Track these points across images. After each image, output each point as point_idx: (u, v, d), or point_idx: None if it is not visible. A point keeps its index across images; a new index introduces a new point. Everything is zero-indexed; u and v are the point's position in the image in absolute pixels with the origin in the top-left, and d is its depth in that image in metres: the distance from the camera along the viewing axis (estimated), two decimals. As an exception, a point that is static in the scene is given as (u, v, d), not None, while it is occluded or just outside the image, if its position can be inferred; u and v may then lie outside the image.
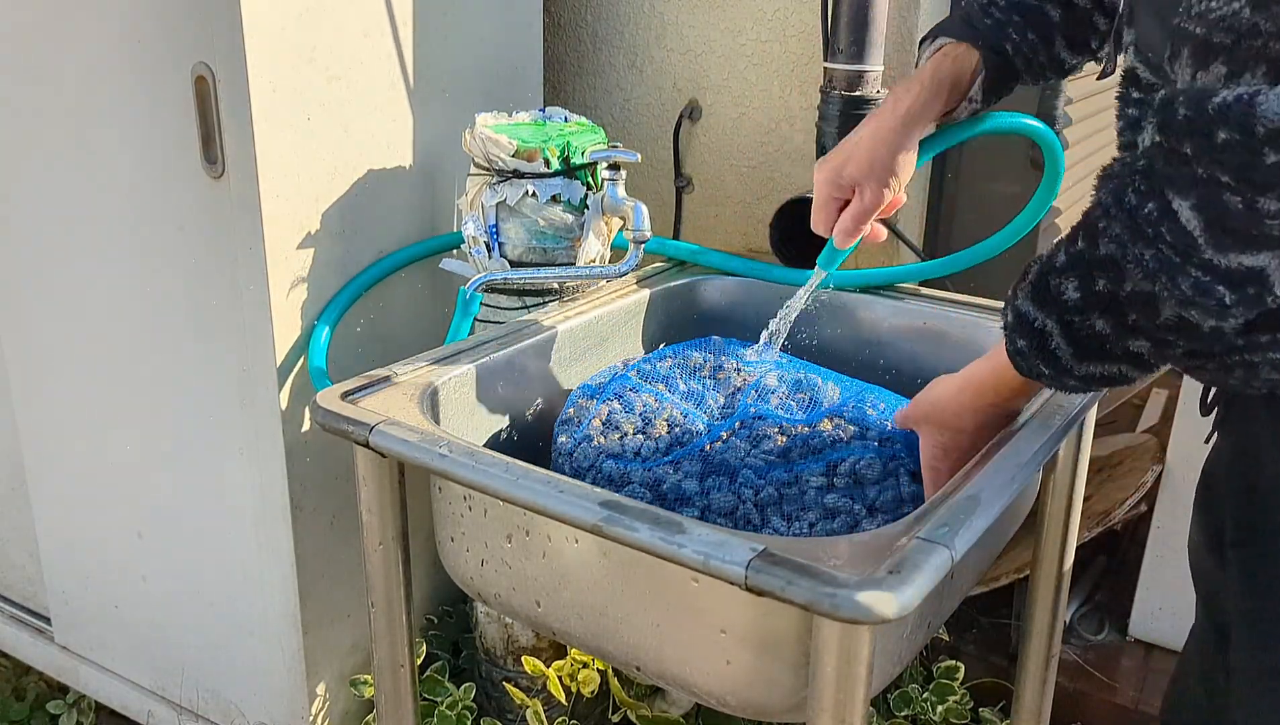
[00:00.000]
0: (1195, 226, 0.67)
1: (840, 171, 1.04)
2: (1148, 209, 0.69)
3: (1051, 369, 0.82)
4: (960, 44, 1.05)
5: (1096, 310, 0.76)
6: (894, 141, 1.03)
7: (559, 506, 0.85)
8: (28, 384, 1.63)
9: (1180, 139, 0.67)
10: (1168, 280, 0.69)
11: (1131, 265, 0.71)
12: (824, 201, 1.07)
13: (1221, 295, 0.68)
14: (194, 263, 1.36)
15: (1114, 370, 0.80)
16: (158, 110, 1.30)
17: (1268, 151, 0.63)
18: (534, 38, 1.68)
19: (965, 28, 1.06)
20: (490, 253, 1.39)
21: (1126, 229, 0.71)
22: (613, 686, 1.52)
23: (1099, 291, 0.75)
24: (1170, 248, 0.68)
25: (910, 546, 0.77)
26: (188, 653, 1.63)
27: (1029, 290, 0.81)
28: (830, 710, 0.77)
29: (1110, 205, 0.72)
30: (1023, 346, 0.83)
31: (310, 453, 1.41)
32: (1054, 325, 0.79)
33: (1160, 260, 0.69)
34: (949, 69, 1.05)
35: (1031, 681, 1.33)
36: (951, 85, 1.05)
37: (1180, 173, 0.67)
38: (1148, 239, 0.70)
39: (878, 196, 1.03)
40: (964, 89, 1.06)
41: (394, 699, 1.14)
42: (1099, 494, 1.85)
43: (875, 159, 1.03)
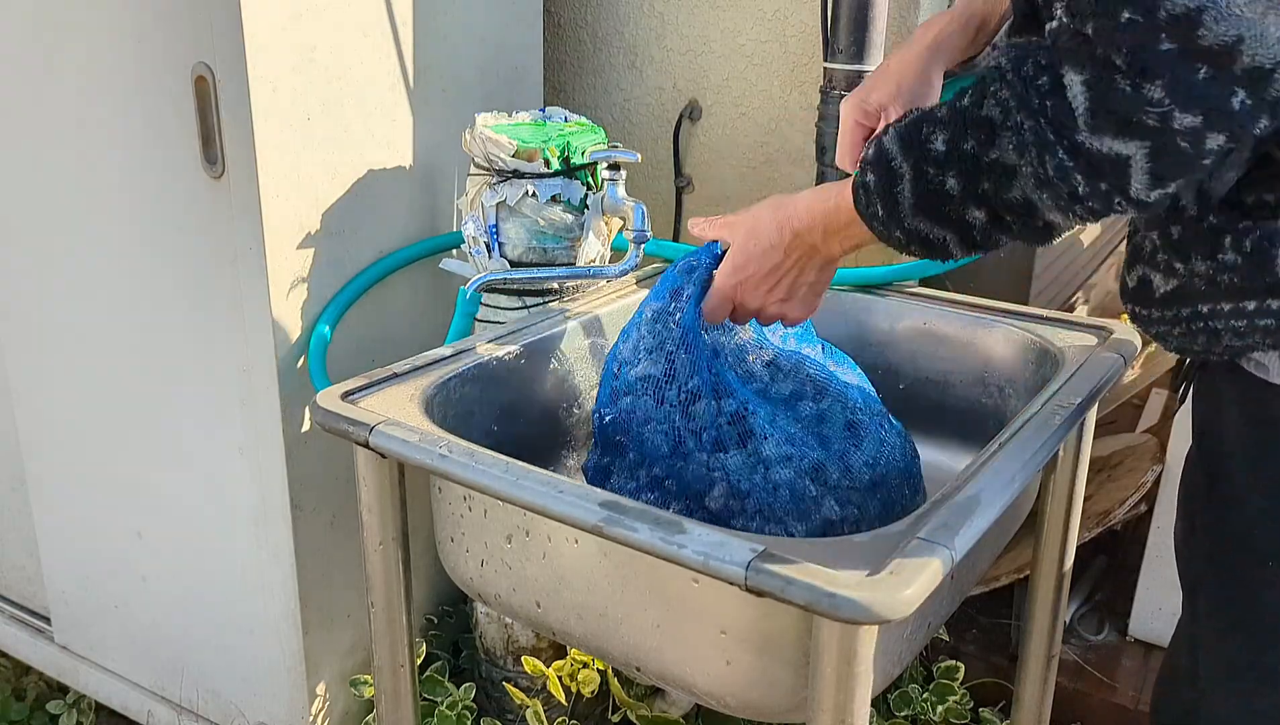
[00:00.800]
0: (1080, 103, 0.68)
1: (866, 98, 1.04)
2: (1041, 80, 0.71)
3: (886, 211, 0.83)
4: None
5: (954, 167, 0.78)
6: (919, 66, 1.03)
7: (559, 507, 0.84)
8: (28, 384, 1.63)
9: (1085, 17, 0.68)
10: (1035, 155, 0.71)
11: (1008, 133, 0.73)
12: (849, 130, 1.06)
13: (1076, 184, 0.70)
14: (194, 263, 1.36)
15: (940, 236, 0.82)
16: (158, 110, 1.30)
17: (1164, 38, 0.64)
18: (534, 38, 1.68)
19: None
20: (490, 253, 1.39)
21: (1015, 95, 0.72)
22: (613, 686, 1.52)
23: (963, 150, 0.76)
24: (1049, 123, 0.70)
25: (910, 546, 0.76)
26: (188, 653, 1.63)
27: (900, 130, 0.82)
28: (830, 710, 0.77)
29: (1007, 70, 0.73)
30: (870, 181, 0.84)
31: (310, 453, 1.41)
32: (908, 169, 0.80)
33: (1036, 133, 0.70)
34: (980, 6, 1.05)
35: (1031, 681, 1.32)
36: (980, 23, 1.05)
37: (1079, 50, 0.68)
38: (1031, 109, 0.71)
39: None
40: (991, 31, 1.06)
41: (394, 699, 1.14)
42: (1099, 494, 1.85)
43: (901, 82, 1.03)
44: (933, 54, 1.03)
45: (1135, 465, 1.90)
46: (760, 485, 1.00)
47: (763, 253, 0.99)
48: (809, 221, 0.95)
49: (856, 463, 1.05)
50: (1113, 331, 1.21)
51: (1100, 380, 1.09)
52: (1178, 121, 0.66)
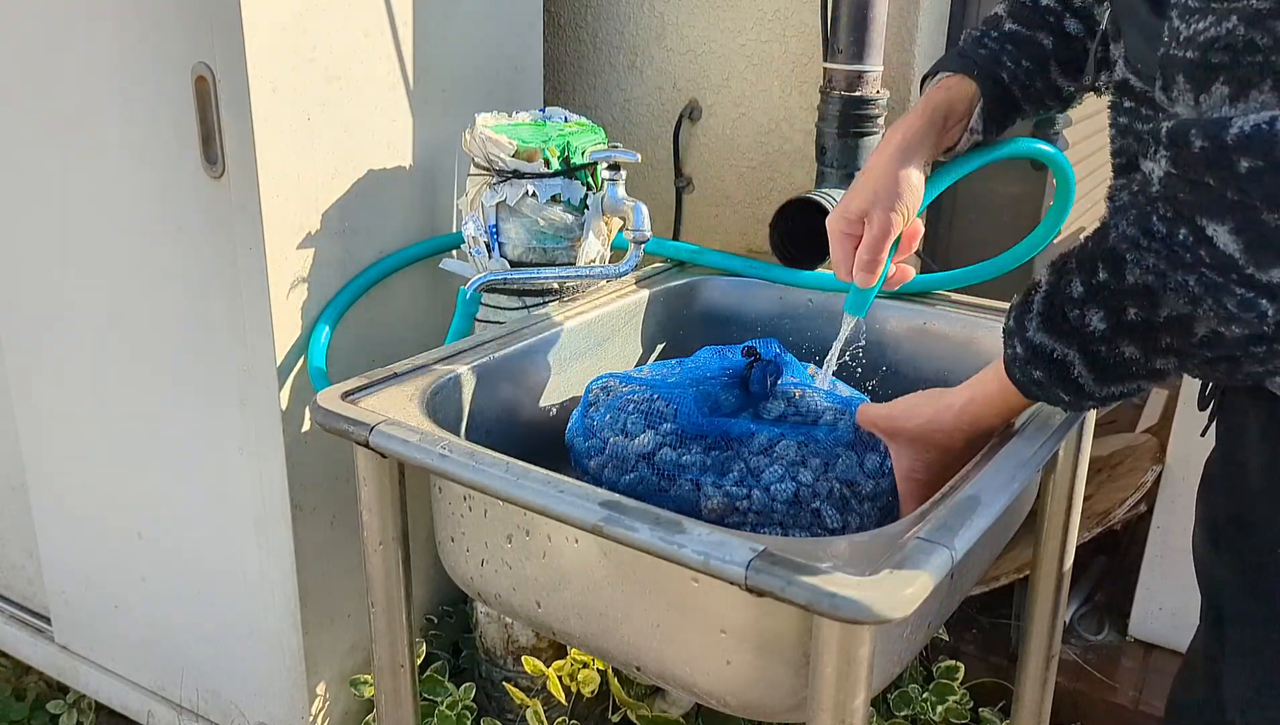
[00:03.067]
0: (1235, 248, 0.67)
1: (847, 207, 1.04)
2: (1181, 235, 0.70)
3: (1071, 395, 0.82)
4: (955, 75, 1.07)
5: (1126, 338, 0.77)
6: (890, 170, 1.03)
7: (559, 506, 0.85)
8: (28, 384, 1.63)
9: (1200, 170, 0.67)
10: (1212, 302, 0.70)
11: (1172, 293, 0.71)
12: (839, 241, 1.06)
13: (1264, 308, 0.69)
14: (194, 263, 1.36)
15: (1134, 387, 0.81)
16: (158, 110, 1.30)
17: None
18: (534, 38, 1.69)
19: (960, 60, 1.08)
20: (490, 253, 1.39)
21: (1163, 259, 0.71)
22: (613, 686, 1.52)
23: (1130, 320, 0.75)
24: (1212, 270, 0.69)
25: (910, 546, 0.77)
26: (188, 653, 1.63)
27: (1041, 322, 0.81)
28: (830, 710, 0.77)
29: (1138, 237, 0.72)
30: (1039, 377, 0.83)
31: (310, 453, 1.41)
32: (1076, 355, 0.80)
33: (1205, 284, 0.69)
34: (942, 98, 1.06)
35: (1031, 681, 1.32)
36: (946, 113, 1.06)
37: (1210, 199, 0.68)
38: (1187, 265, 0.70)
39: (885, 221, 1.02)
40: (960, 117, 1.07)
41: (394, 699, 1.14)
42: (1099, 494, 1.85)
43: (877, 186, 1.03)
44: (903, 155, 1.03)
45: (1135, 465, 1.90)
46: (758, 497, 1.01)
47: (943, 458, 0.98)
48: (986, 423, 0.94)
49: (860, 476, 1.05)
50: (1113, 331, 1.21)
51: (1100, 380, 1.08)
52: None
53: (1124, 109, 0.88)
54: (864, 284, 1.05)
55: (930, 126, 1.05)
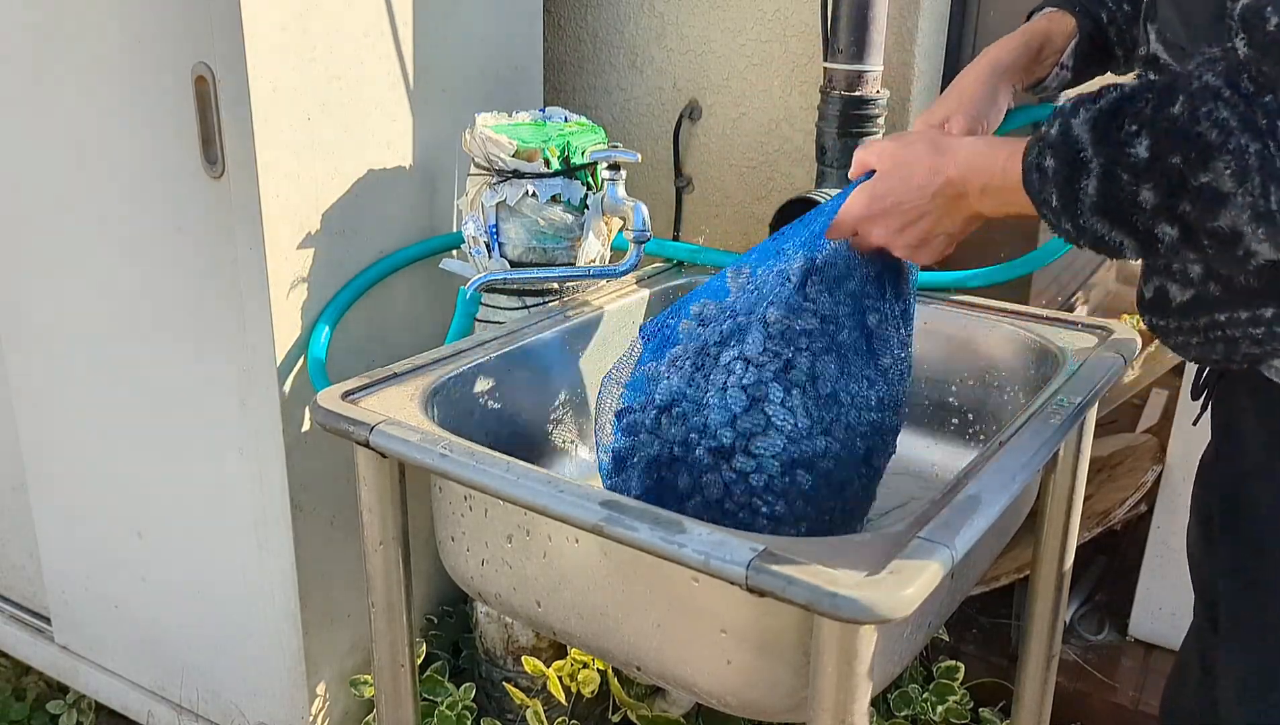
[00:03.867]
0: None
1: (932, 115, 1.06)
2: (1267, 99, 0.65)
3: (1061, 202, 0.76)
4: (1059, 11, 1.08)
5: (1153, 181, 0.70)
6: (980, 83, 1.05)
7: (559, 506, 0.85)
8: (28, 384, 1.63)
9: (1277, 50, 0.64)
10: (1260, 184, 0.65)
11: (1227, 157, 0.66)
12: None
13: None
14: (194, 263, 1.36)
15: (1117, 240, 0.75)
16: (158, 110, 1.30)
17: None
18: (534, 38, 1.69)
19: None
20: (490, 253, 1.39)
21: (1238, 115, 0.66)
22: (613, 686, 1.52)
23: (1170, 164, 0.69)
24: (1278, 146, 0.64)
25: (910, 546, 0.77)
26: (188, 653, 1.63)
27: (1094, 118, 0.74)
28: (830, 710, 0.77)
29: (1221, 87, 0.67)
30: (1050, 166, 0.77)
31: (310, 453, 1.41)
32: (1099, 166, 0.73)
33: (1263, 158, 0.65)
34: (1043, 27, 1.07)
35: (1031, 681, 1.33)
36: (1043, 42, 1.07)
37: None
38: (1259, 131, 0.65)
39: (965, 129, 1.03)
40: (1056, 50, 1.08)
41: (394, 699, 1.14)
42: (1099, 494, 1.85)
43: (962, 94, 1.05)
44: (994, 72, 1.05)
45: (1135, 465, 1.90)
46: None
47: (909, 189, 0.92)
48: (968, 172, 0.88)
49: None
50: (1113, 331, 1.21)
51: (1100, 380, 1.09)
52: None
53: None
54: None
55: (1025, 50, 1.06)
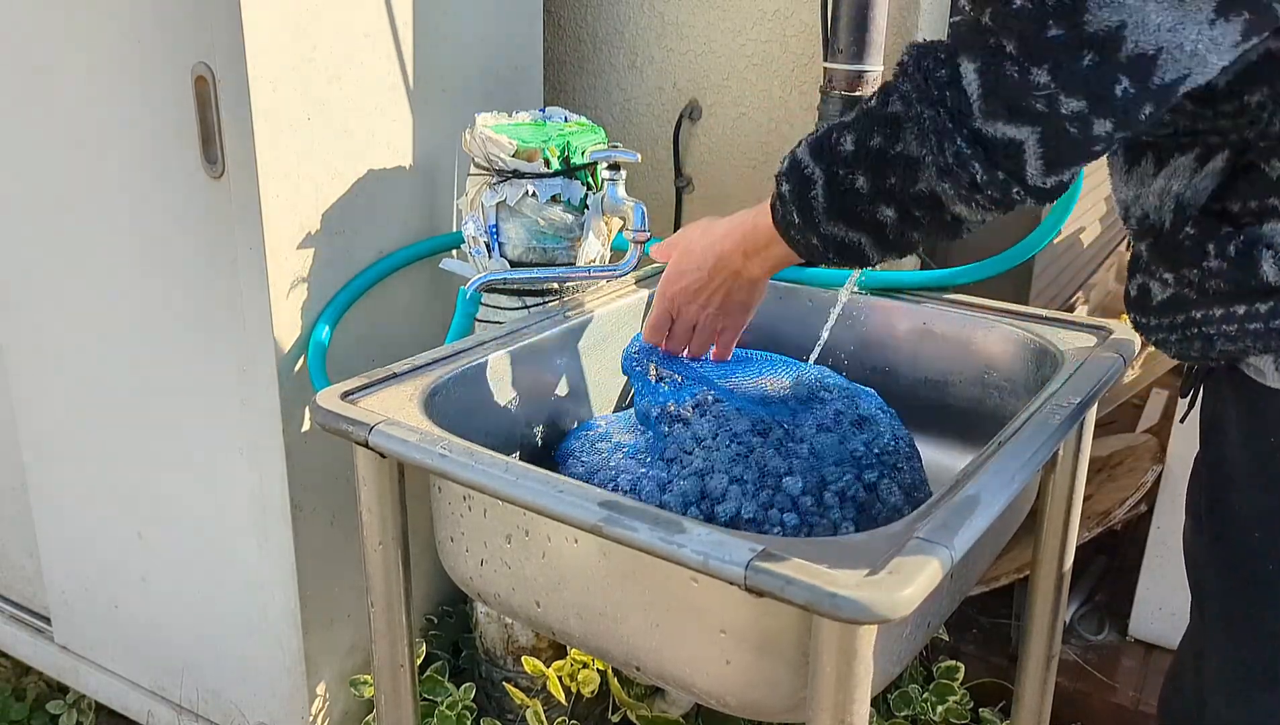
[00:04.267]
0: (974, 90, 0.70)
1: None
2: (940, 73, 0.72)
3: (802, 218, 0.85)
4: None
5: (863, 165, 0.79)
6: None
7: (559, 507, 0.84)
8: (28, 384, 1.63)
9: (984, 5, 0.70)
10: (935, 142, 0.72)
11: (910, 125, 0.74)
12: None
13: (975, 171, 0.71)
14: (194, 263, 1.36)
15: (855, 238, 0.83)
16: (158, 110, 1.30)
17: (1051, 24, 0.66)
18: (534, 38, 1.69)
19: None
20: (490, 253, 1.39)
21: (916, 88, 0.74)
22: (613, 686, 1.52)
23: (871, 147, 0.78)
24: (947, 112, 0.71)
25: (909, 546, 0.76)
26: (188, 653, 1.63)
27: (811, 141, 0.84)
28: (830, 710, 0.77)
29: (909, 65, 0.75)
30: (785, 191, 0.86)
31: (310, 453, 1.41)
32: (821, 174, 0.82)
33: (936, 122, 0.72)
34: None
35: (1031, 681, 1.32)
36: None
37: (975, 39, 0.71)
38: (931, 100, 0.72)
39: None
40: None
41: (394, 699, 1.14)
42: (1099, 494, 1.85)
43: None
44: None
45: (1135, 465, 1.90)
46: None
47: (691, 272, 1.03)
48: (730, 245, 0.98)
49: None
50: (1113, 331, 1.21)
51: (1100, 380, 1.09)
52: (1064, 107, 0.68)
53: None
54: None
55: None
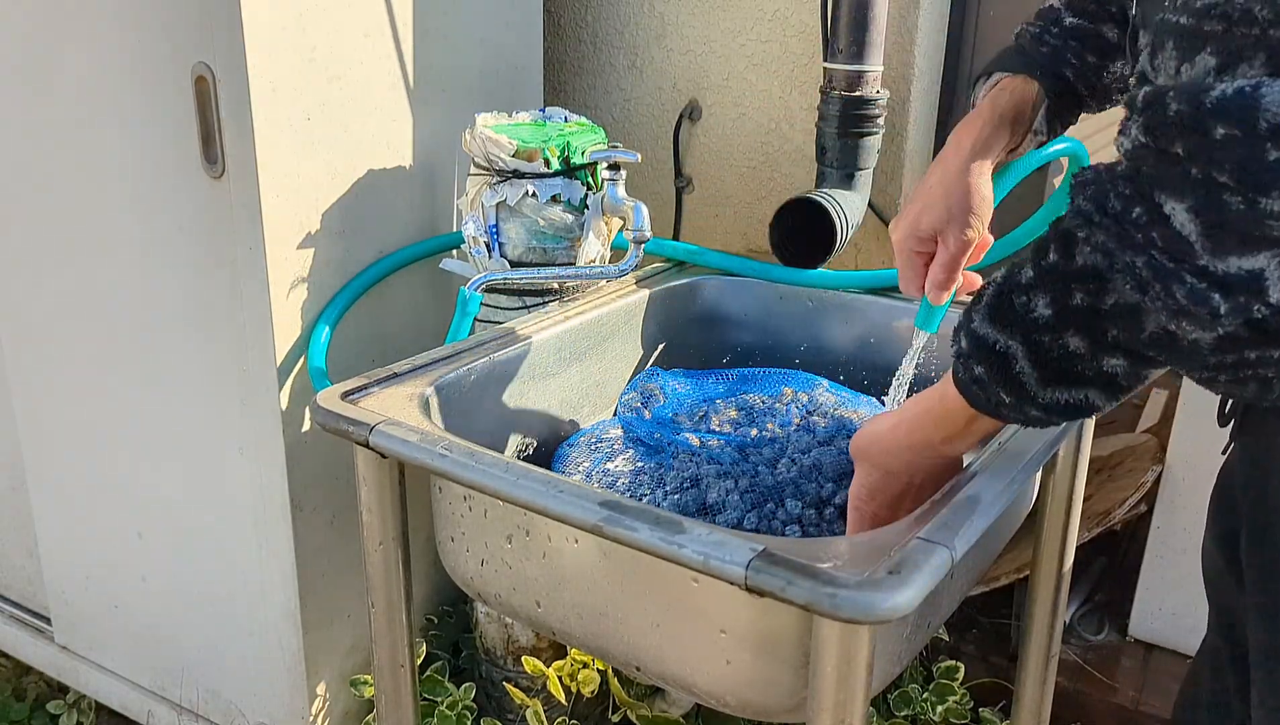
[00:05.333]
0: (1191, 230, 0.63)
1: (918, 224, 1.00)
2: (1135, 213, 0.65)
3: (1013, 396, 0.76)
4: (1017, 77, 1.02)
5: (1071, 327, 0.72)
6: (964, 181, 0.99)
7: (559, 507, 0.85)
8: (28, 384, 1.63)
9: (1171, 138, 0.63)
10: (1161, 289, 0.65)
11: (1120, 275, 0.67)
12: (907, 259, 1.02)
13: (1216, 304, 0.64)
14: (194, 263, 1.36)
15: (1081, 396, 0.75)
16: (158, 110, 1.30)
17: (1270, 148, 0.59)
18: (534, 38, 1.68)
19: (1021, 59, 1.03)
20: (490, 253, 1.39)
21: (1113, 236, 0.66)
22: (613, 686, 1.52)
23: (1076, 306, 0.71)
24: (1163, 254, 0.64)
25: (910, 546, 0.77)
26: (188, 653, 1.63)
27: (987, 311, 0.76)
28: (830, 710, 0.77)
29: (1092, 213, 0.68)
30: (980, 373, 0.77)
31: (310, 453, 1.41)
32: (1019, 347, 0.74)
33: (1153, 267, 0.64)
34: (1008, 101, 1.02)
35: (1031, 681, 1.33)
36: (1014, 118, 1.02)
37: (1172, 173, 0.63)
38: (1138, 246, 0.65)
39: (961, 240, 0.99)
40: (1027, 121, 1.03)
41: (394, 699, 1.14)
42: (1099, 494, 1.85)
43: (950, 202, 0.98)
44: (976, 163, 0.99)
45: (1135, 465, 1.90)
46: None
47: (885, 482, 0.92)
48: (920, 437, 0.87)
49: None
50: (1113, 331, 1.21)
51: (1100, 380, 1.08)
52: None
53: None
54: (937, 301, 1.02)
55: (998, 132, 1.01)
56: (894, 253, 1.03)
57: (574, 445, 1.21)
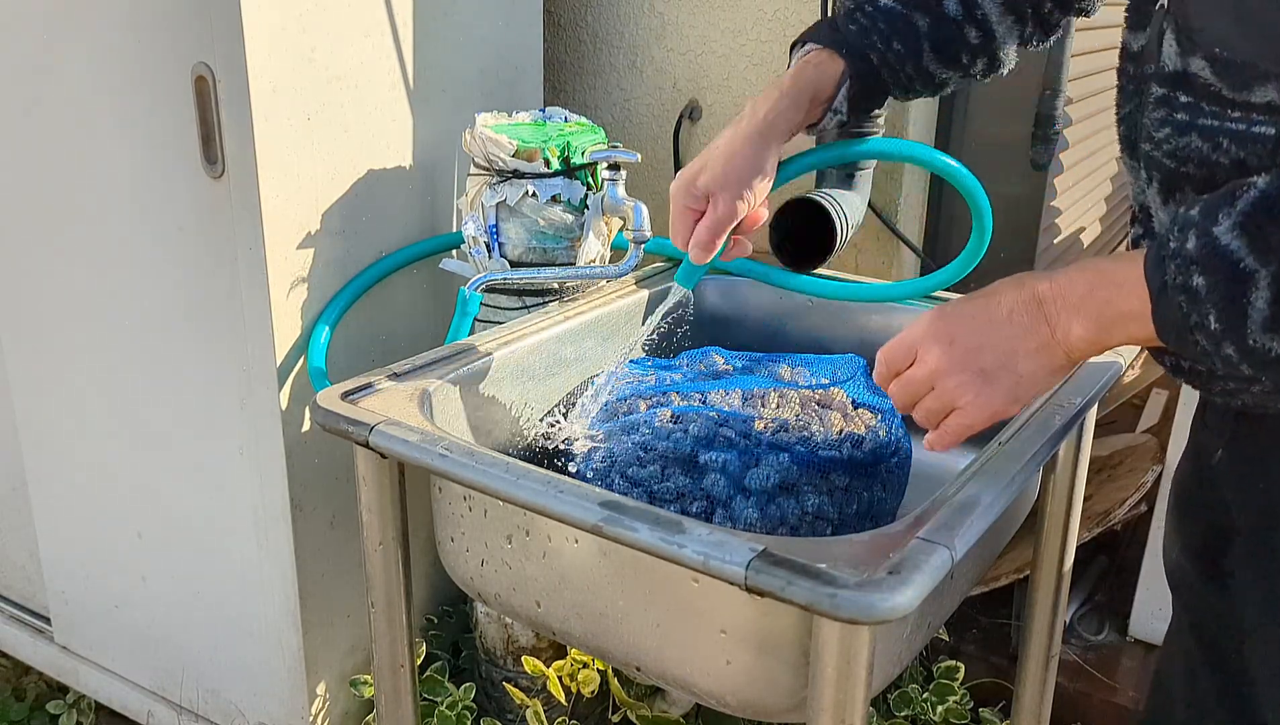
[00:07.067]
0: None
1: (694, 181, 0.99)
2: None
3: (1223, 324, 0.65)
4: (825, 51, 1.01)
5: None
6: (748, 152, 0.97)
7: (559, 507, 0.84)
8: (28, 384, 1.63)
9: None
10: None
11: None
12: (679, 212, 1.00)
13: None
14: (194, 263, 1.36)
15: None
16: (158, 110, 1.30)
17: None
18: (534, 38, 1.68)
19: (830, 33, 1.02)
20: (490, 253, 1.39)
21: None
22: (613, 686, 1.52)
23: None
24: None
25: (910, 546, 0.76)
26: (188, 653, 1.63)
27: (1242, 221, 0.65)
28: (830, 710, 0.77)
29: None
30: (1199, 285, 0.66)
31: (310, 453, 1.41)
32: (1267, 275, 0.63)
33: None
34: (810, 76, 1.00)
35: (1031, 681, 1.33)
36: (813, 94, 1.00)
37: None
38: None
39: (730, 208, 0.97)
40: (827, 97, 1.01)
41: (394, 699, 1.14)
42: (1099, 494, 1.85)
43: (729, 169, 0.97)
44: (763, 135, 0.98)
45: (1135, 465, 1.90)
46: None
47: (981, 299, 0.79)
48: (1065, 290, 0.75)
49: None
50: (1113, 331, 1.21)
51: (1100, 380, 1.09)
52: None
53: (1181, 104, 0.78)
54: (698, 261, 1.01)
55: (795, 106, 0.99)
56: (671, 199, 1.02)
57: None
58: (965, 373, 0.79)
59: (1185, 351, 0.69)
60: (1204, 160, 0.77)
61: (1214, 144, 0.76)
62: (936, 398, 0.81)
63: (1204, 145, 0.77)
